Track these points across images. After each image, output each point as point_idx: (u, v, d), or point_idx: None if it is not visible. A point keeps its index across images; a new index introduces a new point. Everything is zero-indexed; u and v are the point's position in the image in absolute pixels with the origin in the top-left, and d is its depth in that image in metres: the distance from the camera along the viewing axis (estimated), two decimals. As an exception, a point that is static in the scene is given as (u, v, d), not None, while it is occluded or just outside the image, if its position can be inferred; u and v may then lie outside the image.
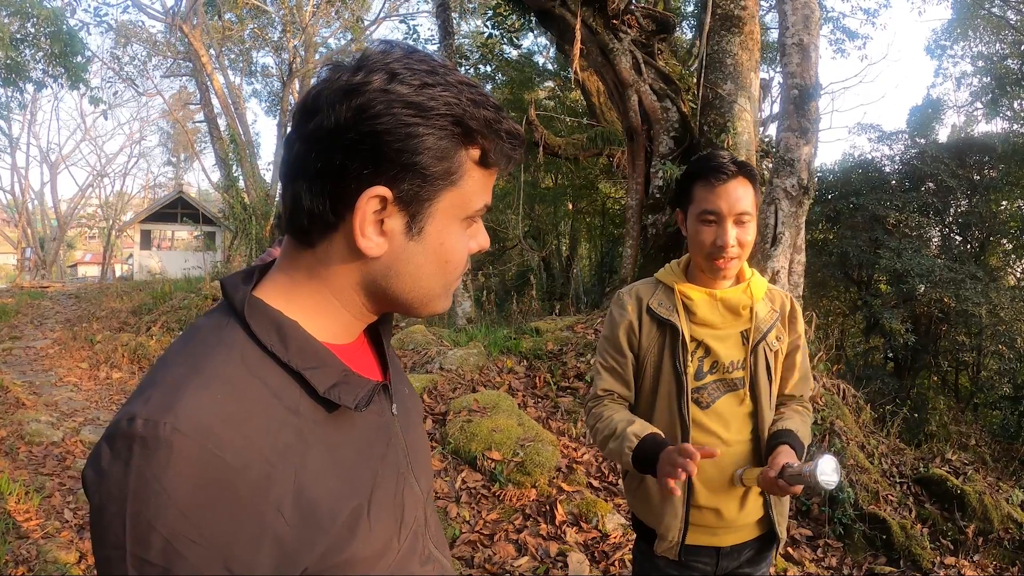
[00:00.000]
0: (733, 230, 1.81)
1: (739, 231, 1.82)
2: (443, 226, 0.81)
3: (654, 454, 1.68)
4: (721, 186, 1.82)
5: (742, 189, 1.82)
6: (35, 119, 33.54)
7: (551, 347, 6.53)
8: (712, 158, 1.87)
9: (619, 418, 1.85)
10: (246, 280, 0.83)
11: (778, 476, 1.68)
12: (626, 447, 1.76)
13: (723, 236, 1.81)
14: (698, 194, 1.87)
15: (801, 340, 2.01)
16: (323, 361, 0.78)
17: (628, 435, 1.77)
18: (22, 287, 19.10)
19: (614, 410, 1.91)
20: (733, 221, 1.81)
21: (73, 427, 6.38)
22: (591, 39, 7.23)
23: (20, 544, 4.03)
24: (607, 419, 1.87)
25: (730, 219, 1.81)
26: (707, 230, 1.84)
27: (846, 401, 5.36)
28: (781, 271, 4.90)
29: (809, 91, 5.04)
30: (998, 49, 17.80)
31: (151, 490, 0.63)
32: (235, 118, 22.40)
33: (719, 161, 1.84)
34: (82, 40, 12.65)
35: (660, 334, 1.92)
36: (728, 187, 1.82)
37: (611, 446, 1.82)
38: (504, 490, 4.31)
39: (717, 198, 1.82)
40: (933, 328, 9.93)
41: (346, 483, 0.77)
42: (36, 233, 33.78)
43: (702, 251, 1.87)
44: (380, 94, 0.74)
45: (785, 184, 4.94)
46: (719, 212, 1.82)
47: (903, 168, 11.51)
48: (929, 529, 4.31)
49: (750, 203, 1.83)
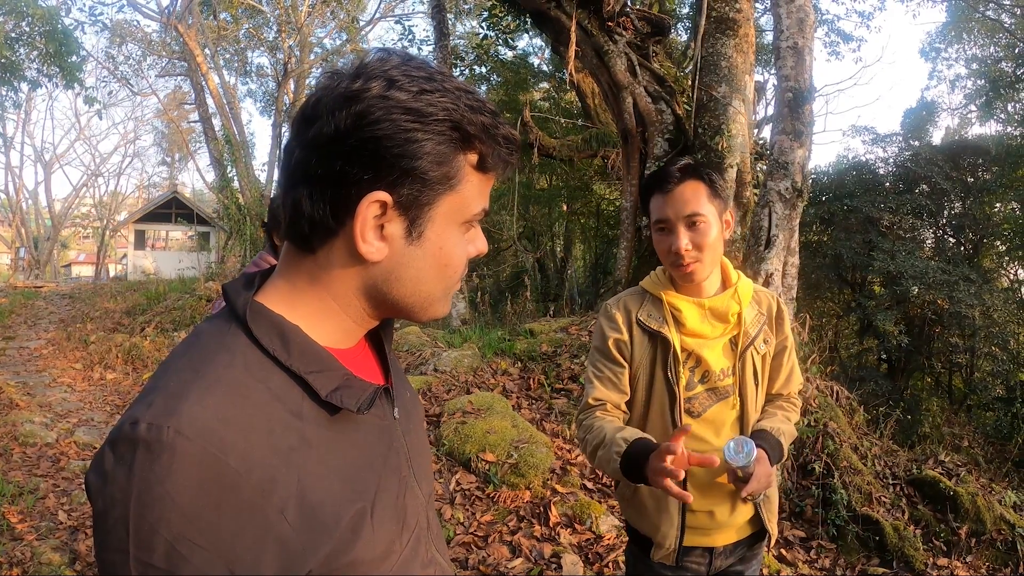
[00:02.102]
0: (686, 234, 1.81)
1: (692, 234, 1.81)
2: (442, 230, 0.82)
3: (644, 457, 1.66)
4: (668, 193, 1.83)
5: (690, 191, 1.82)
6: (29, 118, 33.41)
7: (545, 349, 6.54)
8: (662, 168, 1.89)
9: (608, 427, 1.84)
10: (248, 286, 0.84)
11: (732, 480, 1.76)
12: (614, 452, 1.74)
13: (676, 242, 1.81)
14: (652, 205, 1.89)
15: (788, 340, 2.02)
16: (325, 365, 0.79)
17: (616, 440, 1.76)
18: (16, 287, 19.05)
19: (604, 420, 1.89)
20: (684, 225, 1.81)
21: (67, 428, 6.37)
22: (586, 41, 7.24)
23: (14, 546, 4.02)
24: (597, 429, 1.86)
25: (680, 224, 1.81)
26: (662, 239, 1.86)
27: (839, 403, 5.38)
28: (775, 273, 4.91)
29: (803, 94, 5.06)
30: (992, 52, 17.89)
31: (155, 494, 0.63)
32: (230, 118, 22.36)
33: (666, 169, 1.86)
34: (77, 39, 12.64)
35: (651, 346, 1.92)
36: (675, 193, 1.82)
37: (600, 454, 1.81)
38: (498, 492, 4.31)
39: (664, 205, 1.84)
40: (927, 330, 9.96)
41: (349, 486, 0.78)
42: (30, 233, 33.68)
43: (665, 260, 1.89)
44: (379, 100, 0.75)
45: (779, 187, 4.96)
46: (667, 219, 1.83)
47: (897, 170, 11.56)
48: (922, 530, 4.33)
49: (702, 204, 1.82)
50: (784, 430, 1.92)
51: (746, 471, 1.71)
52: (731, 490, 1.86)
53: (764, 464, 1.76)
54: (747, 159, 6.59)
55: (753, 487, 1.73)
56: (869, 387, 8.59)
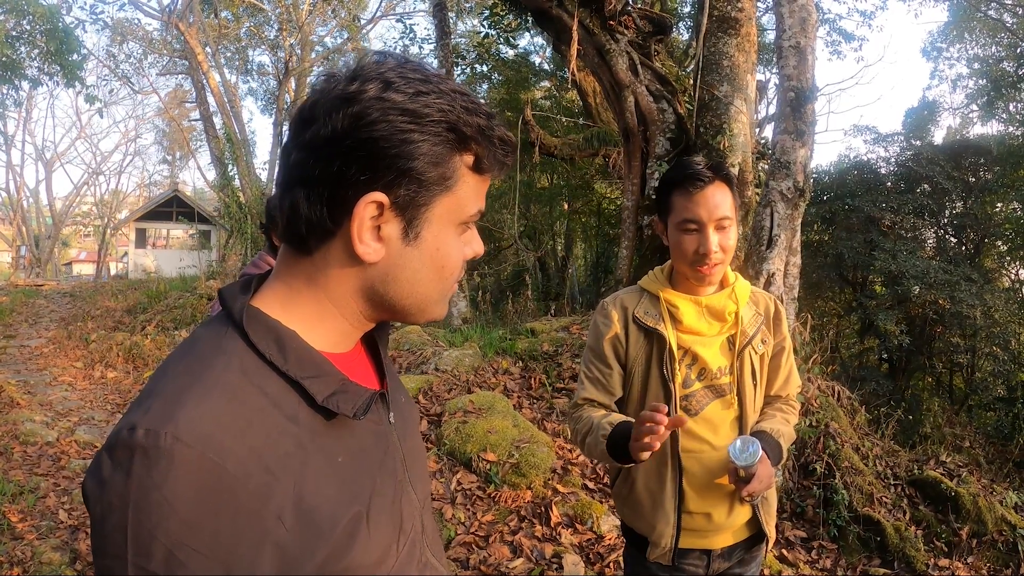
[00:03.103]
0: (715, 236, 1.80)
1: (720, 236, 1.82)
2: (439, 231, 0.82)
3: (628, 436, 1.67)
4: (699, 193, 1.81)
5: (720, 194, 1.81)
6: (30, 117, 33.41)
7: (546, 348, 6.53)
8: (688, 165, 1.86)
9: (596, 415, 1.87)
10: (244, 290, 0.84)
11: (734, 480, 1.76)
12: (600, 435, 1.77)
13: (705, 243, 1.80)
14: (677, 203, 1.86)
15: (786, 341, 2.02)
16: (321, 370, 0.79)
17: (602, 425, 1.79)
18: (17, 285, 19.06)
19: (592, 410, 1.92)
20: (714, 227, 1.81)
21: (68, 427, 6.37)
22: (588, 40, 7.23)
23: (15, 545, 4.02)
24: (585, 419, 1.88)
25: (711, 226, 1.80)
26: (689, 239, 1.84)
27: (840, 403, 5.37)
28: (777, 273, 4.90)
29: (805, 93, 5.05)
30: (994, 51, 17.85)
31: (152, 500, 0.63)
32: (231, 116, 22.33)
33: (695, 168, 1.83)
34: (78, 38, 12.64)
35: (647, 343, 1.92)
36: (706, 193, 1.81)
37: (588, 440, 1.84)
38: (499, 491, 4.31)
39: (696, 206, 1.81)
40: (928, 330, 9.95)
41: (345, 491, 0.78)
42: (31, 231, 33.68)
43: (685, 259, 1.86)
44: (376, 102, 0.75)
45: (781, 186, 4.95)
46: (699, 220, 1.81)
47: (898, 170, 11.54)
48: (923, 531, 4.32)
49: (729, 207, 1.82)
50: (783, 432, 1.93)
51: (749, 471, 1.72)
52: (729, 492, 1.86)
53: (766, 465, 1.77)
54: (749, 159, 6.58)
55: (755, 487, 1.74)
56: (870, 387, 8.58)
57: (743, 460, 1.69)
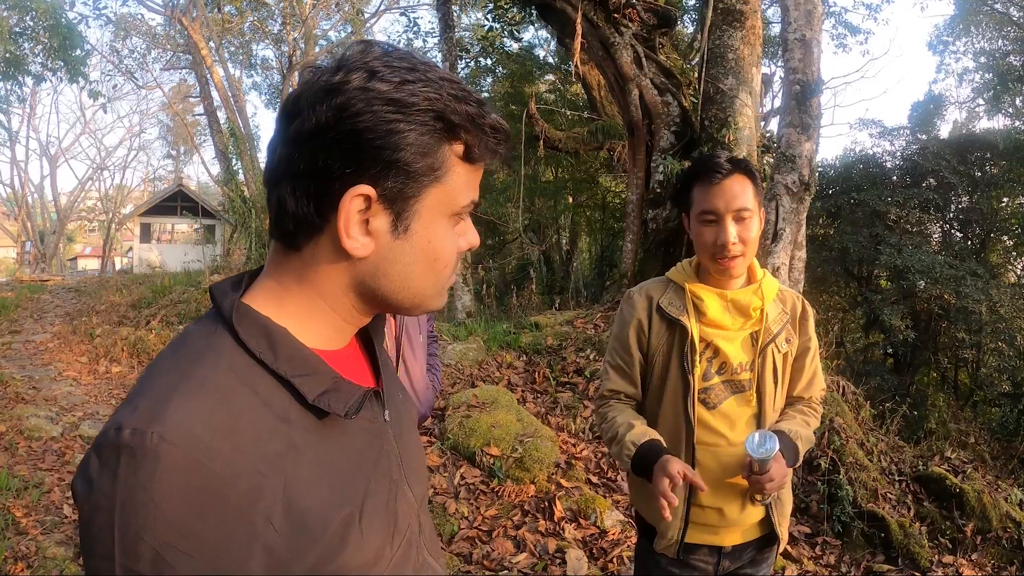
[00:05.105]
0: (733, 228, 1.81)
1: (739, 228, 1.81)
2: (429, 223, 0.80)
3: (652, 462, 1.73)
4: (717, 185, 1.82)
5: (739, 186, 1.82)
6: (34, 112, 33.33)
7: (551, 342, 6.52)
8: (708, 158, 1.88)
9: (620, 421, 1.88)
10: (235, 287, 0.83)
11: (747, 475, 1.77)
12: (625, 455, 1.81)
13: (723, 235, 1.81)
14: (697, 195, 1.87)
15: (812, 343, 2.01)
16: (313, 368, 0.77)
17: (626, 443, 1.81)
18: (22, 281, 19.08)
19: (618, 411, 1.93)
20: (732, 218, 1.81)
21: (72, 422, 6.37)
22: (592, 33, 7.21)
23: (19, 540, 4.03)
24: (611, 420, 1.91)
25: (728, 216, 1.81)
26: (707, 230, 1.84)
27: (845, 398, 5.36)
28: (782, 267, 4.89)
29: (811, 87, 5.03)
30: (1000, 45, 17.79)
31: (139, 501, 0.62)
32: (235, 111, 22.35)
33: (714, 160, 1.85)
34: (81, 33, 12.60)
35: (669, 334, 1.92)
36: (724, 185, 1.81)
37: (613, 450, 1.88)
38: (503, 486, 4.31)
39: (714, 197, 1.82)
40: (933, 325, 9.93)
41: (337, 491, 0.76)
42: (36, 227, 33.75)
43: (706, 251, 1.87)
44: (360, 92, 0.73)
45: (786, 180, 4.93)
46: (717, 211, 1.82)
47: (904, 164, 11.50)
48: (927, 527, 4.31)
49: (749, 199, 1.82)
50: (802, 434, 1.91)
51: (763, 466, 1.71)
52: (743, 489, 1.86)
53: (781, 464, 1.77)
54: (754, 152, 6.55)
55: (768, 486, 1.73)
56: (875, 382, 8.56)
57: (759, 454, 1.69)
